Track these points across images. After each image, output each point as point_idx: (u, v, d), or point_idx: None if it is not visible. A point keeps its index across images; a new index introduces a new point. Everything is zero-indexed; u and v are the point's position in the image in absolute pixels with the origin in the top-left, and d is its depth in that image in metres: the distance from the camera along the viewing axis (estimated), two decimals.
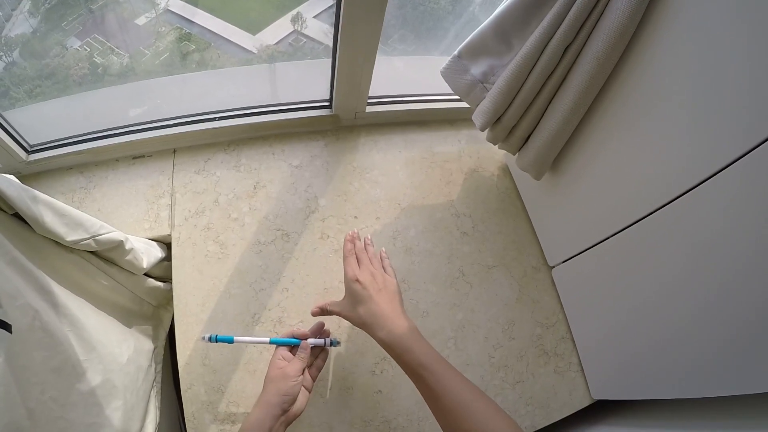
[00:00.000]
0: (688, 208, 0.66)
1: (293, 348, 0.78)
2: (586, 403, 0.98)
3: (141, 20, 1.36)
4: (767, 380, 0.60)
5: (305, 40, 1.48)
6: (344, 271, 0.79)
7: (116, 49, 1.34)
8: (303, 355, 0.76)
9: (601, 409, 1.00)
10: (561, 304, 1.04)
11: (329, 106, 1.08)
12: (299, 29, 1.47)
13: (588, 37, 0.72)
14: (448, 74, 0.92)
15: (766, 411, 0.66)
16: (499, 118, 0.90)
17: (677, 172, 0.67)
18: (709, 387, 0.69)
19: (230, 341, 0.77)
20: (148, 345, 0.92)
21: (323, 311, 0.80)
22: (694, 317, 0.69)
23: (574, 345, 1.01)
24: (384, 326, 0.71)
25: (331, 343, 0.81)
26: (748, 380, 0.63)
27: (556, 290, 1.05)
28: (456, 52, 0.90)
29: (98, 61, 1.31)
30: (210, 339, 0.76)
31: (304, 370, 0.75)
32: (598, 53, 0.71)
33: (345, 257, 0.80)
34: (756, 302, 0.59)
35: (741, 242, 0.59)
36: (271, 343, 0.77)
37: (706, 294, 0.66)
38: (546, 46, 0.76)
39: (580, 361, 1.00)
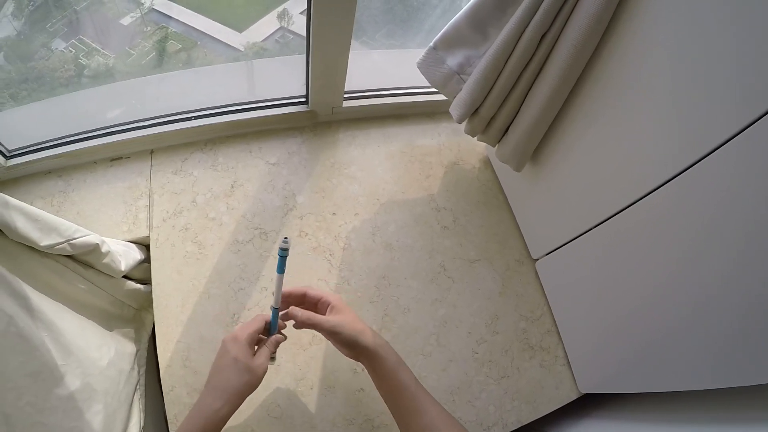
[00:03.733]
0: (670, 198, 0.66)
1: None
2: (573, 396, 0.97)
3: (126, 20, 1.35)
4: (753, 373, 0.59)
5: (292, 36, 1.47)
6: (324, 293, 0.77)
7: (102, 50, 1.33)
8: (272, 350, 0.72)
9: (588, 402, 0.99)
10: (545, 297, 1.04)
11: (306, 102, 1.07)
12: (286, 26, 1.47)
13: (564, 25, 0.72)
14: (424, 66, 0.91)
15: (755, 403, 0.66)
16: (476, 110, 0.89)
17: (658, 161, 0.66)
18: (697, 380, 0.69)
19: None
20: (130, 348, 0.92)
21: (318, 323, 0.71)
22: (679, 309, 0.69)
23: (560, 338, 1.01)
24: (379, 338, 0.73)
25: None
26: (735, 373, 0.62)
27: (540, 283, 1.05)
28: (432, 44, 0.89)
29: (84, 63, 1.30)
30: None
31: None
32: (574, 41, 0.70)
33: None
34: (743, 292, 0.59)
35: (727, 230, 0.59)
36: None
37: (692, 284, 0.66)
38: (522, 34, 0.75)
39: (566, 354, 1.00)
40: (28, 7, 1.23)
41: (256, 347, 0.72)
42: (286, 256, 0.71)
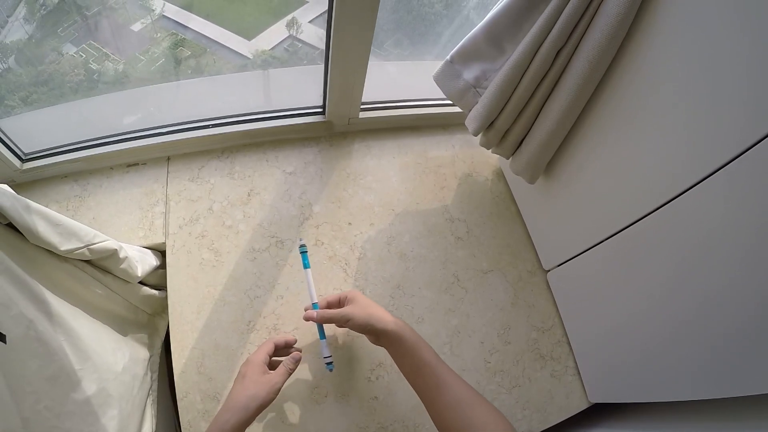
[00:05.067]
0: (683, 210, 0.67)
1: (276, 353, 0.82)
2: (583, 406, 0.98)
3: (136, 26, 1.36)
4: (763, 382, 0.60)
5: (301, 45, 1.48)
6: (343, 293, 0.83)
7: (112, 55, 1.35)
8: (291, 366, 0.78)
9: (598, 412, 1.00)
10: (556, 308, 1.04)
11: (322, 113, 1.08)
12: (294, 34, 1.48)
13: (580, 41, 0.72)
14: (441, 79, 0.92)
15: (764, 412, 0.66)
16: (492, 123, 0.90)
17: (672, 174, 0.67)
18: (706, 389, 0.69)
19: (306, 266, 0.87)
20: (143, 353, 0.92)
21: (332, 317, 0.79)
22: (689, 319, 0.69)
23: (570, 348, 1.02)
24: (396, 320, 0.75)
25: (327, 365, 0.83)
26: (744, 382, 0.63)
27: (552, 294, 1.05)
28: (448, 57, 0.90)
29: (94, 68, 1.31)
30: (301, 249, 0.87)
31: None
32: (589, 56, 0.71)
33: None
34: (751, 303, 0.59)
35: (737, 243, 0.60)
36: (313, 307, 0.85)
37: (702, 296, 0.66)
38: (538, 49, 0.76)
39: (576, 364, 1.00)
40: (39, 12, 1.24)
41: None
42: (306, 252, 0.84)
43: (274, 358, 0.81)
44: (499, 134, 0.92)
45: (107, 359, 0.78)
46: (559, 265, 1.00)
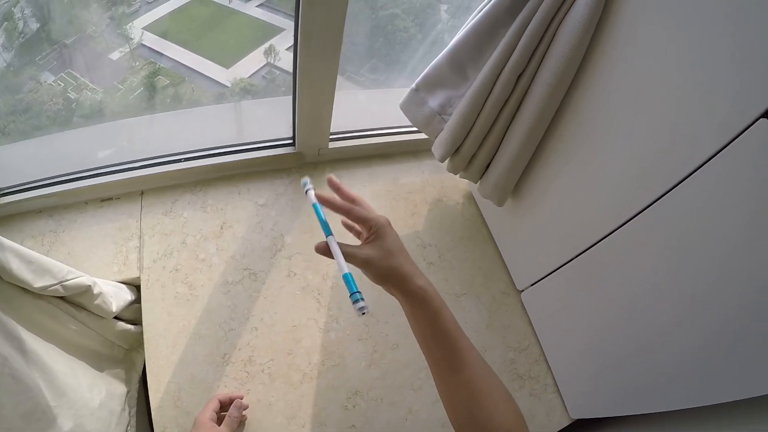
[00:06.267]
0: (648, 224, 0.69)
1: (222, 410, 0.83)
2: (564, 423, 0.98)
3: (115, 55, 1.36)
4: (742, 388, 0.61)
5: (279, 72, 1.50)
6: (372, 215, 0.67)
7: (90, 84, 1.34)
8: (236, 415, 0.81)
9: (580, 428, 1.00)
10: (532, 327, 1.06)
11: (293, 144, 1.09)
12: (272, 62, 1.49)
13: (539, 65, 0.75)
14: (407, 107, 0.95)
15: (747, 417, 0.67)
16: (458, 149, 0.92)
17: (635, 190, 0.70)
18: (685, 398, 0.70)
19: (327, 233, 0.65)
20: (120, 389, 0.92)
21: (348, 254, 0.62)
22: (664, 329, 0.71)
23: (548, 366, 1.03)
24: (422, 276, 0.62)
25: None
26: (722, 389, 0.64)
27: (527, 313, 1.07)
28: (414, 85, 0.92)
29: (72, 97, 1.31)
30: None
31: None
32: (549, 80, 0.74)
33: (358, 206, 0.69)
34: (723, 311, 0.61)
35: (705, 253, 0.61)
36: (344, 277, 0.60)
37: (674, 305, 0.68)
38: (499, 75, 0.78)
39: (555, 381, 1.01)
40: (18, 39, 1.24)
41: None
42: (318, 206, 0.65)
43: (222, 413, 0.83)
44: (465, 159, 0.94)
45: (83, 395, 0.78)
46: (532, 285, 1.02)
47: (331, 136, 1.08)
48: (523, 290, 1.07)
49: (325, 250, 0.63)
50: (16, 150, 1.12)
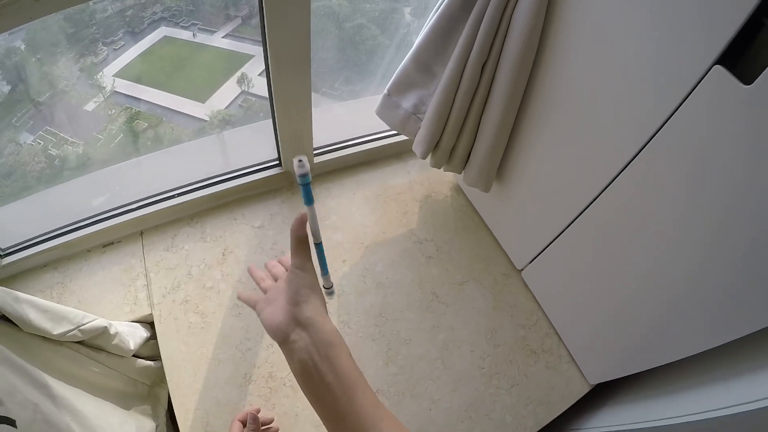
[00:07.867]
0: (631, 181, 0.72)
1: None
2: (585, 390, 1.00)
3: (90, 106, 1.38)
4: (746, 324, 0.62)
5: (254, 98, 1.51)
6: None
7: (70, 139, 1.35)
8: (253, 427, 0.79)
9: (601, 392, 1.02)
10: (537, 303, 1.08)
11: (279, 164, 1.13)
12: (246, 89, 1.51)
13: (500, 52, 0.79)
14: (382, 112, 0.98)
15: (753, 353, 0.67)
16: (437, 144, 0.96)
17: (609, 153, 0.73)
18: (695, 344, 0.71)
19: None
20: (149, 425, 0.94)
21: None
22: (667, 281, 0.72)
23: (560, 338, 1.05)
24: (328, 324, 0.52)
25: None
26: (728, 328, 0.65)
27: (530, 290, 1.09)
28: (386, 91, 0.96)
29: (54, 153, 1.31)
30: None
31: None
32: (511, 63, 0.77)
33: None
34: (726, 252, 0.62)
35: (704, 195, 0.62)
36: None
37: (676, 255, 0.69)
38: (464, 68, 0.82)
39: (569, 352, 1.03)
40: None
41: None
42: (308, 183, 0.49)
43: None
44: (446, 153, 0.97)
45: None
46: (530, 262, 1.05)
47: (315, 151, 1.12)
48: (522, 269, 1.09)
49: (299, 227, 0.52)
50: (12, 210, 1.14)
